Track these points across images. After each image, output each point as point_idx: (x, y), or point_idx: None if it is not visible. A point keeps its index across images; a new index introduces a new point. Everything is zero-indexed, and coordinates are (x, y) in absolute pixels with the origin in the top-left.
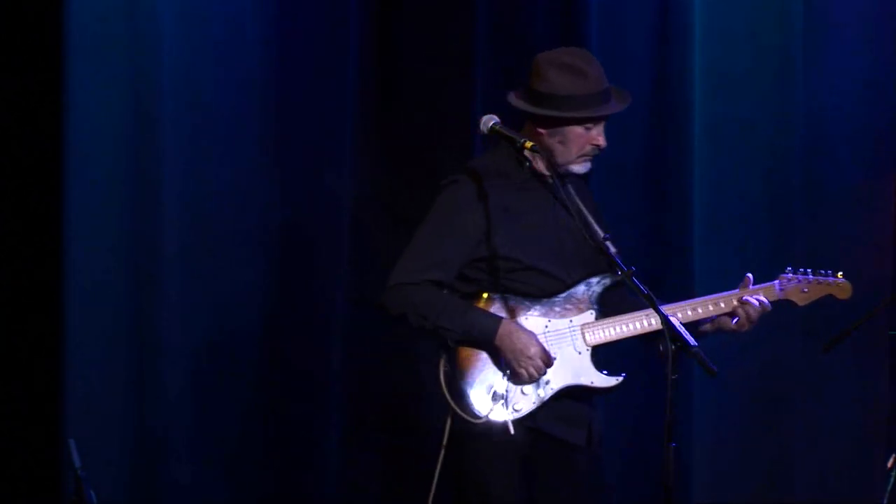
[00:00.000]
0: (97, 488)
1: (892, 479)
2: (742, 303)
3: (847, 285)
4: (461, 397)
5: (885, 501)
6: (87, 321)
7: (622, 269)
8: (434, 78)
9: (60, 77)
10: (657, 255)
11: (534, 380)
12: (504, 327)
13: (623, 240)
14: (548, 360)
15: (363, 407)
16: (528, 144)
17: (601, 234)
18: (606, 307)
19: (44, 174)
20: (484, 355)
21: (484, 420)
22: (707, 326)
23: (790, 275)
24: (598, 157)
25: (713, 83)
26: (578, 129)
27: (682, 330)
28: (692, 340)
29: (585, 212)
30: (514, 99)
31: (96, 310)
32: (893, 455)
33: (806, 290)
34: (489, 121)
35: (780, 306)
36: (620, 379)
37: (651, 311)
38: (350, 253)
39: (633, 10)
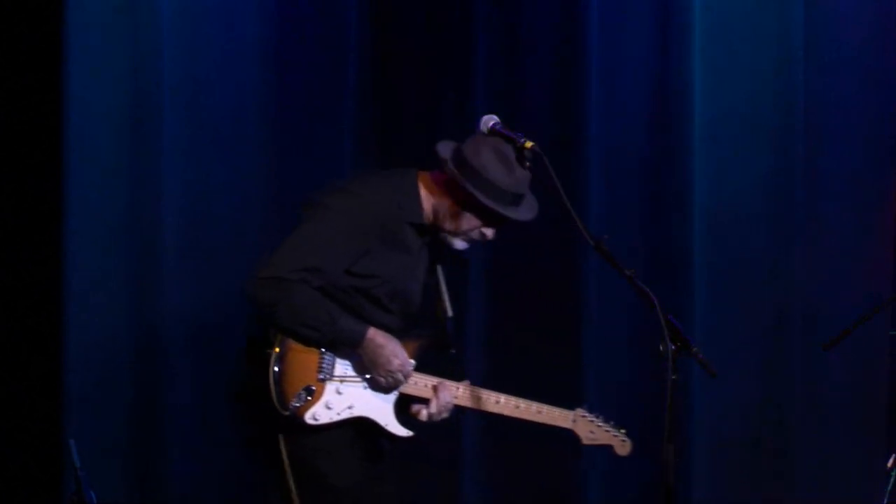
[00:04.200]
0: (97, 488)
1: (892, 479)
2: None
3: (629, 444)
4: (279, 388)
5: (886, 501)
6: (87, 321)
7: (622, 270)
8: (434, 79)
9: (60, 76)
10: (658, 255)
11: (391, 391)
12: (370, 337)
13: (623, 239)
14: (407, 374)
15: None
16: (529, 144)
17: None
18: (422, 366)
19: (44, 173)
20: (312, 356)
21: (289, 414)
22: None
23: (586, 412)
24: (599, 157)
25: (713, 83)
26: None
27: (683, 330)
28: (692, 341)
29: (444, 287)
30: (443, 148)
31: (96, 310)
32: (893, 455)
33: (593, 432)
34: (489, 121)
35: (785, 305)
36: (410, 434)
37: (447, 383)
38: None
39: (633, 9)
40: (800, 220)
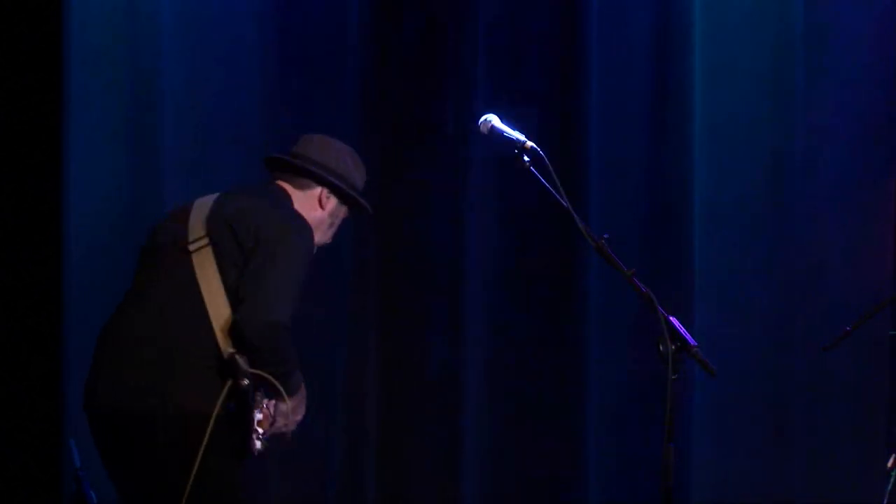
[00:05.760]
0: (97, 488)
1: (892, 479)
2: None
3: None
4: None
5: (886, 501)
6: (87, 321)
7: (623, 270)
8: (433, 78)
9: (60, 76)
10: (658, 255)
11: (278, 437)
12: (303, 385)
13: (624, 238)
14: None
15: (366, 408)
16: (528, 144)
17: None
18: None
19: (44, 173)
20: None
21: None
22: None
23: None
24: (599, 157)
25: (713, 83)
26: (343, 216)
27: (683, 330)
28: (692, 340)
29: None
30: (276, 162)
31: (96, 310)
32: (893, 455)
33: None
34: (489, 121)
35: (786, 305)
36: None
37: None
38: (349, 252)
39: (633, 9)
40: (800, 220)
